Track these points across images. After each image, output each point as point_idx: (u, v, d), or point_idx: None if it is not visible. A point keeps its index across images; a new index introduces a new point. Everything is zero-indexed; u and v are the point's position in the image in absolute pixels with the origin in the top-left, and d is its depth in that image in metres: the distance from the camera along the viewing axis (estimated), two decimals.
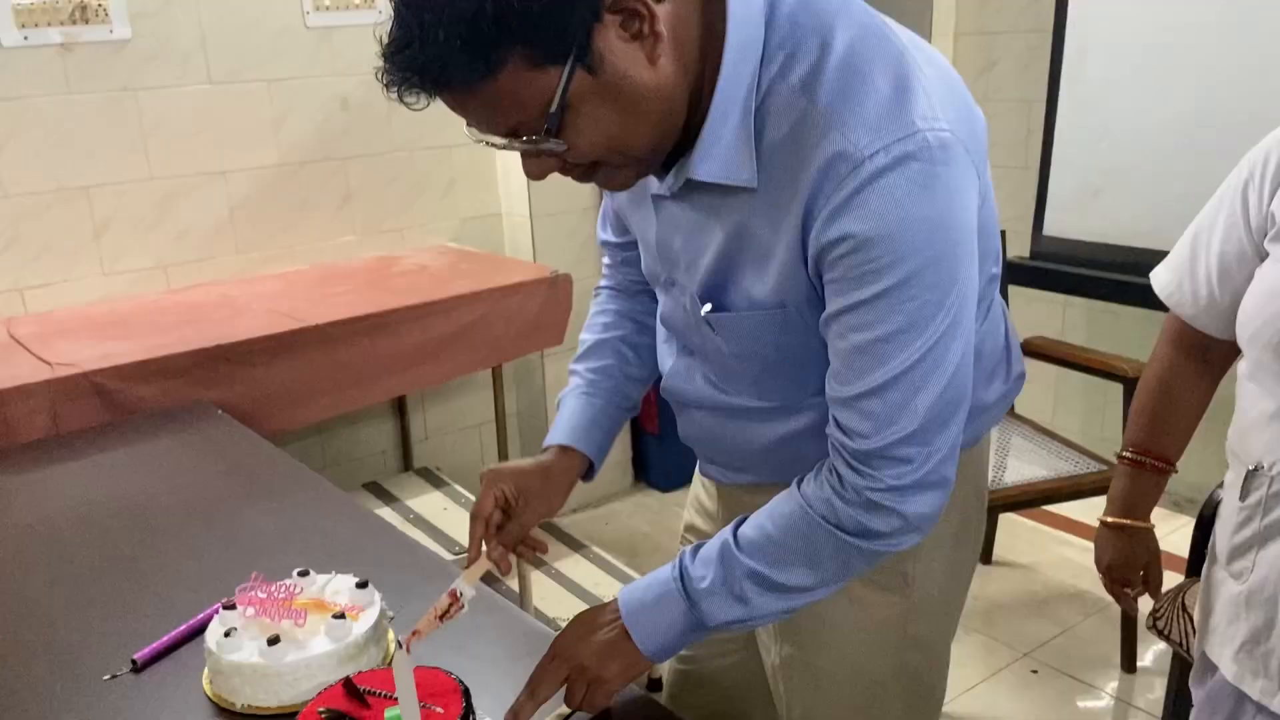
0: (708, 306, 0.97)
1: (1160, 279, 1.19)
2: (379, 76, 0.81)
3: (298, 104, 2.58)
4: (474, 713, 0.95)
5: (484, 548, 1.09)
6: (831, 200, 0.83)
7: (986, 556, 2.73)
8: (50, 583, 1.32)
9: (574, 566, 2.45)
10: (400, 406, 2.92)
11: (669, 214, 0.99)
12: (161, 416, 1.88)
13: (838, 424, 0.92)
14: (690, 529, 1.32)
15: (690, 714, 1.25)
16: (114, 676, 1.11)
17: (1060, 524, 2.89)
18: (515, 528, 1.11)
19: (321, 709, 0.93)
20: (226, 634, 1.06)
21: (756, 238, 0.91)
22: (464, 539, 1.22)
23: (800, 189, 0.85)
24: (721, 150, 0.88)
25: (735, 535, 0.97)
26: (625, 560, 2.54)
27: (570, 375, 1.24)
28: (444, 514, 2.42)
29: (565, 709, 1.01)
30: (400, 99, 0.81)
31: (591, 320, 1.26)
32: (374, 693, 0.96)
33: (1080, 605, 2.53)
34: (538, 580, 2.38)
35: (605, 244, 1.25)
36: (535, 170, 0.88)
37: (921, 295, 0.84)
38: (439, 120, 0.79)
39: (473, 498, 2.55)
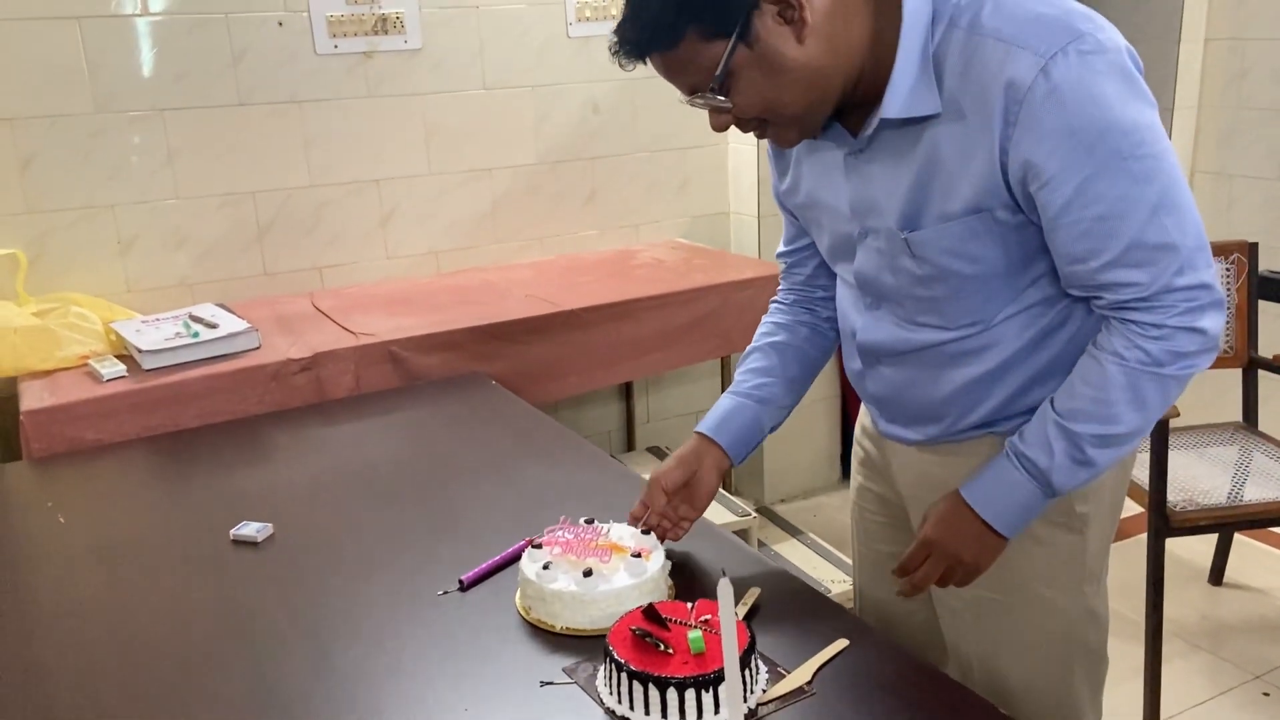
0: (905, 231, 1.13)
1: None
2: (609, 48, 1.09)
3: (556, 107, 2.82)
4: (755, 637, 1.10)
5: None
6: (1021, 109, 1.00)
7: (1217, 578, 2.66)
8: (380, 514, 1.57)
9: (791, 550, 2.58)
10: (627, 390, 3.12)
11: (861, 170, 1.16)
12: (444, 383, 2.14)
13: (1107, 288, 1.06)
14: (863, 491, 1.47)
15: None
16: (445, 593, 1.32)
17: None
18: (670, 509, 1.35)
19: (633, 627, 1.10)
20: (544, 567, 1.25)
21: (946, 159, 1.07)
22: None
23: (989, 110, 1.02)
24: (906, 91, 1.06)
25: (1057, 413, 1.11)
26: (835, 548, 2.63)
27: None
28: None
29: (756, 591, 1.24)
30: (620, 65, 1.09)
31: (758, 332, 1.45)
32: (671, 619, 1.12)
33: None
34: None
35: (780, 255, 1.46)
36: (715, 123, 1.11)
37: (1136, 152, 1.00)
38: (678, 123, 1.08)
39: None
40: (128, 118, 2.38)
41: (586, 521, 1.34)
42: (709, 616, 1.12)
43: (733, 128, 1.13)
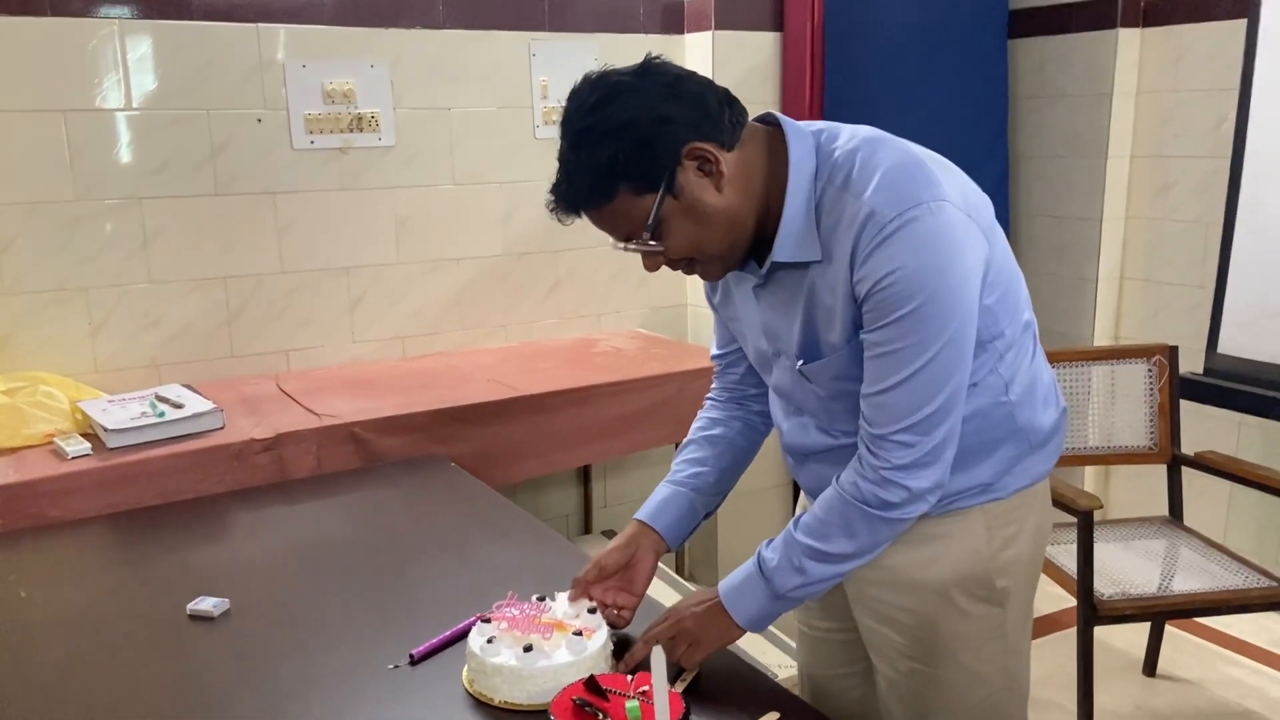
0: (800, 361, 1.29)
1: None
2: (546, 205, 1.22)
3: (523, 202, 2.96)
4: (689, 707, 1.17)
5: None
6: (864, 252, 1.15)
7: (1150, 669, 2.74)
8: (336, 590, 1.62)
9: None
10: (585, 475, 3.19)
11: (766, 300, 1.31)
12: (405, 465, 2.21)
13: (863, 415, 1.22)
14: None
15: None
16: (396, 667, 1.37)
17: (1230, 643, 2.86)
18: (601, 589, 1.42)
19: (575, 697, 1.16)
20: (488, 641, 1.31)
21: (822, 297, 1.23)
22: (654, 596, 1.52)
23: (846, 253, 1.18)
24: (792, 239, 1.21)
25: (796, 522, 1.29)
26: (784, 634, 2.68)
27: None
28: None
29: (691, 673, 1.31)
30: (559, 220, 1.22)
31: (694, 426, 1.56)
32: (611, 690, 1.19)
33: None
34: None
35: (714, 357, 1.57)
36: (649, 265, 1.25)
37: (926, 323, 1.15)
38: None
39: None
40: (106, 205, 2.47)
41: (538, 599, 1.40)
42: (646, 688, 1.19)
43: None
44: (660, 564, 2.83)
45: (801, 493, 1.55)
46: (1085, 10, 3.22)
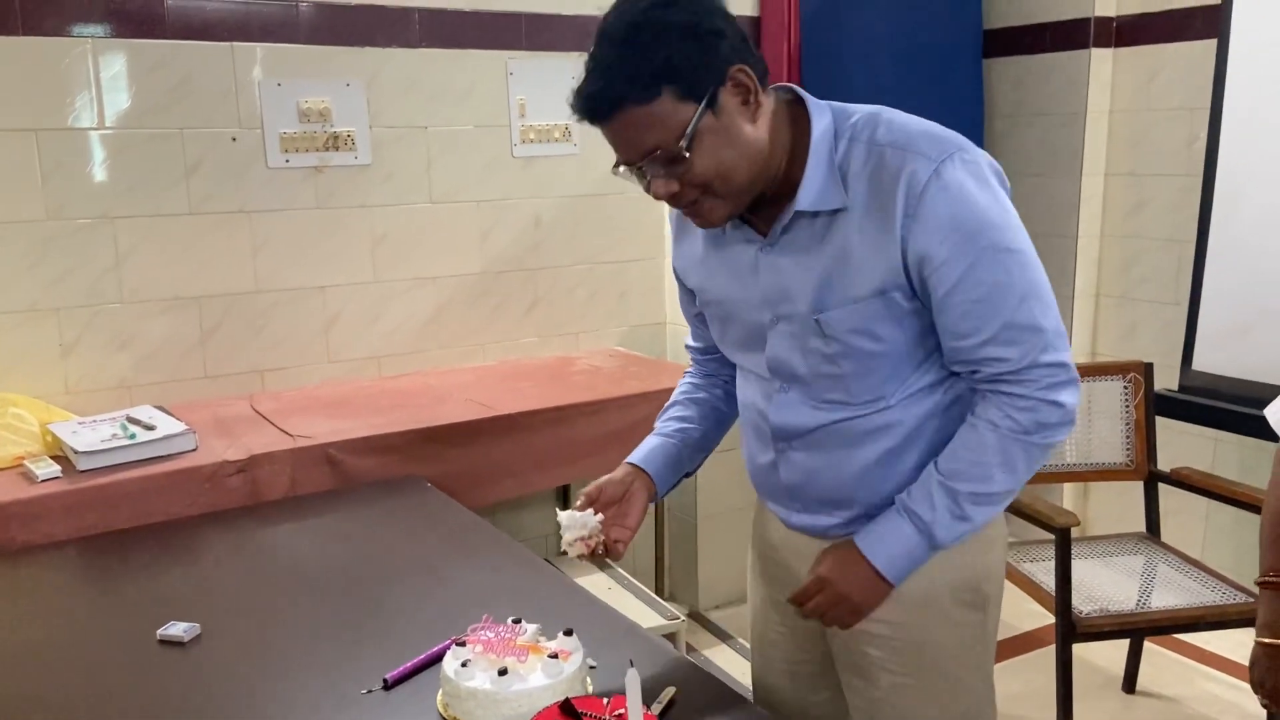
0: (818, 314, 1.26)
1: (1274, 414, 1.34)
2: (570, 104, 1.17)
3: (500, 221, 2.96)
4: None
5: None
6: (919, 204, 1.17)
7: (1130, 686, 2.74)
8: (309, 614, 1.60)
9: (721, 654, 2.61)
10: (564, 495, 3.17)
11: (773, 263, 1.29)
12: (381, 486, 2.19)
13: (984, 362, 1.22)
14: (764, 604, 1.57)
15: None
16: (369, 691, 1.35)
17: (1208, 659, 2.86)
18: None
19: None
20: (463, 664, 1.29)
21: (855, 249, 1.22)
22: (632, 617, 1.50)
23: (891, 206, 1.19)
24: (816, 187, 1.23)
25: (940, 473, 1.26)
26: None
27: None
28: (608, 592, 2.63)
29: (668, 696, 1.29)
30: (582, 119, 1.17)
31: (677, 390, 1.60)
32: (586, 714, 1.17)
33: None
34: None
35: (690, 348, 1.60)
36: (661, 189, 1.21)
37: (1011, 246, 1.18)
38: (617, 237, 1.19)
39: (635, 582, 2.77)
40: (78, 224, 2.44)
41: (514, 621, 1.39)
42: (622, 711, 1.17)
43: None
44: (639, 584, 2.83)
45: (756, 513, 1.54)
46: (1059, 30, 3.26)
